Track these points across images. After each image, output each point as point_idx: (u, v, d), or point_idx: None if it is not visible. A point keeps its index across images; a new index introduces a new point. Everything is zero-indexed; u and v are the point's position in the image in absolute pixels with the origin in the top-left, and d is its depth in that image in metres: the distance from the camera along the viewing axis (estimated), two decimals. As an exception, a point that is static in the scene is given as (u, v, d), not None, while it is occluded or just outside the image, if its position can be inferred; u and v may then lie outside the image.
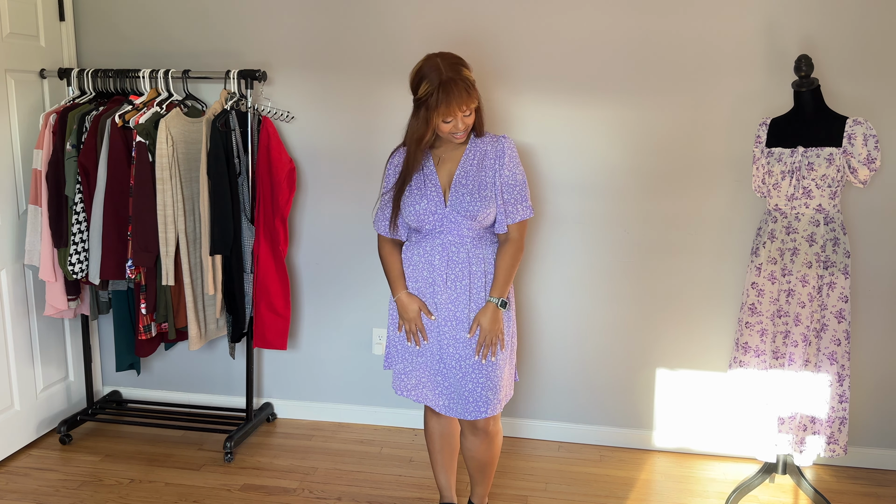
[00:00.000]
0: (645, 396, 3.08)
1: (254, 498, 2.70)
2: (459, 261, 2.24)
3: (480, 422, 2.30)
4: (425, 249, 2.27)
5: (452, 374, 2.27)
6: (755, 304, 2.57)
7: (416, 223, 2.25)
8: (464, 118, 2.17)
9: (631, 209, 2.95)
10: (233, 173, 2.87)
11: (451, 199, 2.22)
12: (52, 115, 2.89)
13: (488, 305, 2.24)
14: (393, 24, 2.97)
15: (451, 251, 2.24)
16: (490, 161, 2.25)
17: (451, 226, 2.23)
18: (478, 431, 2.34)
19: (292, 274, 3.24)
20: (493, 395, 2.25)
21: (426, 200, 2.23)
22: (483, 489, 2.50)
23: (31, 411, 3.07)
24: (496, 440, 2.39)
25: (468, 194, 2.21)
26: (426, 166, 2.27)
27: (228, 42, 3.09)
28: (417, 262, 2.29)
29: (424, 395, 2.33)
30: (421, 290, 2.29)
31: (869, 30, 2.68)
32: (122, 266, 2.84)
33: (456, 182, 2.23)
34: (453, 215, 2.22)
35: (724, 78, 2.79)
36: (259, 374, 3.36)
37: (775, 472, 2.66)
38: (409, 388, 2.35)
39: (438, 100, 2.10)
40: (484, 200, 2.21)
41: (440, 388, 2.30)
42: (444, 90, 2.09)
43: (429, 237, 2.27)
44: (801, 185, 2.44)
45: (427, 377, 2.32)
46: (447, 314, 2.26)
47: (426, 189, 2.24)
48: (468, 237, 2.25)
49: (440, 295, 2.26)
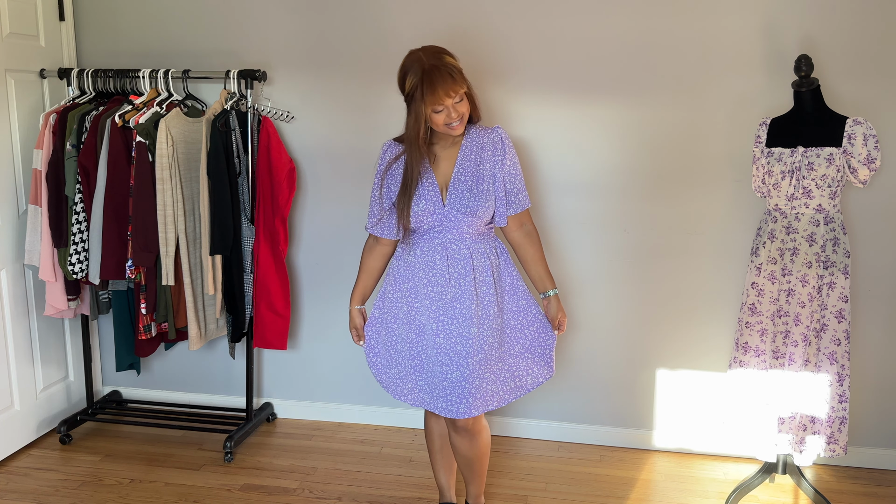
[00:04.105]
0: (645, 396, 3.08)
1: (254, 498, 2.70)
2: (462, 258, 2.23)
3: (460, 420, 2.27)
4: (423, 250, 2.26)
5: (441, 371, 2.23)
6: (755, 304, 2.57)
7: (414, 224, 2.24)
8: (455, 106, 2.13)
9: (631, 209, 2.95)
10: (233, 173, 2.87)
11: (450, 197, 2.21)
12: (52, 115, 2.89)
13: (553, 300, 2.34)
14: (393, 24, 2.97)
15: (451, 249, 2.23)
16: (489, 153, 2.24)
17: (450, 224, 2.22)
18: (459, 429, 2.31)
19: (292, 274, 3.24)
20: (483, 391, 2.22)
21: (424, 201, 2.21)
22: (475, 488, 2.48)
23: (31, 411, 3.07)
24: (480, 437, 2.35)
25: (467, 191, 2.20)
26: (422, 166, 2.24)
27: (228, 42, 3.09)
28: (414, 264, 2.27)
29: (422, 398, 2.31)
30: (418, 291, 2.27)
31: (869, 30, 2.68)
32: (122, 266, 2.84)
33: (454, 180, 2.22)
34: (452, 213, 2.21)
35: (724, 78, 2.79)
36: (259, 374, 3.36)
37: (775, 472, 2.66)
38: (406, 393, 2.33)
39: (424, 90, 2.09)
40: (483, 195, 2.20)
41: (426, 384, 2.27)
42: (428, 78, 2.09)
43: (426, 237, 2.25)
44: (801, 185, 2.44)
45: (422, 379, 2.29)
46: (453, 312, 2.23)
47: (423, 189, 2.22)
48: (468, 234, 2.24)
49: (445, 294, 2.23)
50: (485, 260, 2.26)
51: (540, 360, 2.34)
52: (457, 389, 2.21)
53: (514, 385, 2.31)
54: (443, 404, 2.24)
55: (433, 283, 2.25)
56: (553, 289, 2.35)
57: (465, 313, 2.22)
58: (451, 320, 2.23)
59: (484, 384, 2.23)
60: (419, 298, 2.27)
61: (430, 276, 2.25)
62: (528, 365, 2.33)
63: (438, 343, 2.24)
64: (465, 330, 2.22)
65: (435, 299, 2.25)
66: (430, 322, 2.25)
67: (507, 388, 2.30)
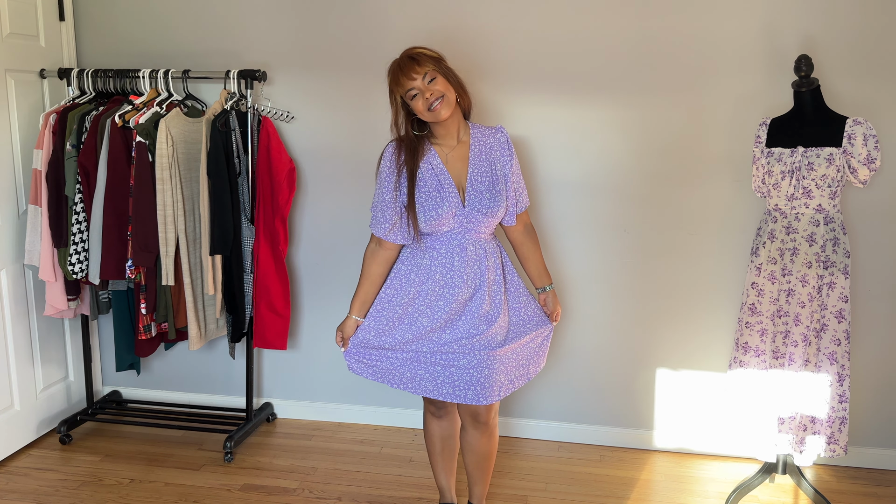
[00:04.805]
0: (645, 396, 3.08)
1: (254, 498, 2.70)
2: (477, 258, 2.24)
3: (482, 414, 2.29)
4: (440, 252, 2.24)
5: (458, 363, 2.21)
6: (755, 304, 2.57)
7: (436, 227, 2.21)
8: (427, 86, 2.15)
9: (631, 209, 2.95)
10: (233, 173, 2.87)
11: (469, 198, 2.21)
12: (52, 115, 2.89)
13: (549, 294, 2.42)
14: (393, 24, 2.97)
15: (468, 250, 2.24)
16: (498, 154, 2.27)
17: (469, 225, 2.23)
18: (479, 424, 2.33)
19: (292, 274, 3.24)
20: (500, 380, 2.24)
21: (447, 203, 2.19)
22: (481, 488, 2.48)
23: (31, 411, 3.07)
24: (496, 434, 2.40)
25: (486, 192, 2.22)
26: (436, 167, 2.22)
27: (228, 42, 3.09)
28: (429, 266, 2.25)
29: (424, 387, 2.27)
30: (428, 292, 2.25)
31: (869, 30, 2.68)
32: (121, 266, 2.84)
33: (471, 181, 2.23)
34: (473, 215, 2.21)
35: (724, 78, 2.79)
36: (259, 374, 3.36)
37: (775, 472, 2.66)
38: (406, 381, 2.28)
39: (391, 77, 2.20)
40: (499, 196, 2.23)
41: (441, 377, 2.24)
42: (394, 66, 2.20)
43: (443, 239, 2.24)
44: (801, 185, 2.44)
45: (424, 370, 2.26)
46: (465, 311, 2.23)
47: (443, 192, 2.20)
48: (483, 234, 2.26)
49: (461, 295, 2.22)
50: (495, 259, 2.29)
51: (540, 350, 2.41)
52: (465, 377, 2.21)
53: (519, 374, 2.33)
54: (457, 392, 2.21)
55: (451, 285, 2.23)
56: (550, 283, 2.44)
57: (477, 312, 2.23)
58: (461, 317, 2.23)
59: (493, 374, 2.21)
60: (432, 300, 2.24)
61: (448, 277, 2.23)
62: (530, 356, 2.37)
63: (444, 339, 2.23)
64: (475, 327, 2.22)
65: (450, 300, 2.23)
66: (440, 321, 2.24)
67: (514, 375, 2.30)
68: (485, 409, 2.30)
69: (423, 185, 2.21)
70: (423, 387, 2.27)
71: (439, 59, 2.22)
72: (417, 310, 2.27)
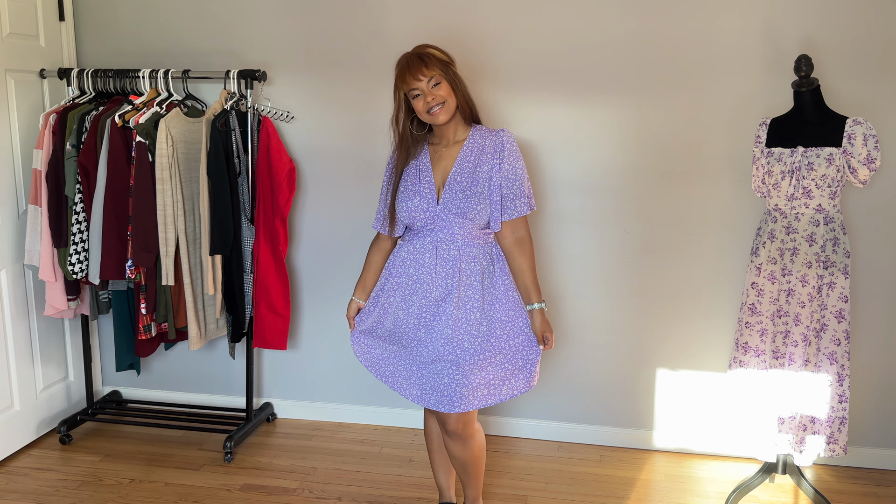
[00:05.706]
0: (645, 396, 3.08)
1: (254, 498, 2.70)
2: (450, 259, 2.22)
3: (451, 423, 2.25)
4: (416, 247, 2.27)
5: (427, 367, 2.24)
6: (755, 304, 2.57)
7: (408, 220, 2.25)
8: (430, 90, 2.16)
9: (631, 209, 2.95)
10: (233, 173, 2.87)
11: (444, 197, 2.21)
12: (51, 115, 2.89)
13: (537, 314, 2.25)
14: (393, 24, 2.97)
15: (441, 249, 2.23)
16: (488, 156, 2.23)
17: (442, 224, 2.22)
18: (448, 431, 2.28)
19: (292, 274, 3.24)
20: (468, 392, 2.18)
21: (419, 198, 2.23)
22: (472, 491, 2.45)
23: (31, 411, 3.07)
24: (473, 441, 2.32)
25: (461, 192, 2.20)
26: (422, 163, 2.26)
27: (228, 42, 3.09)
28: (405, 259, 2.29)
29: (399, 384, 2.32)
30: (404, 286, 2.28)
31: (869, 30, 2.68)
32: (121, 266, 2.84)
33: (451, 180, 2.22)
34: (445, 213, 2.21)
35: (724, 78, 2.79)
36: (259, 374, 3.36)
37: (775, 472, 2.66)
38: (387, 375, 2.35)
39: (397, 73, 2.21)
40: (476, 198, 2.19)
41: (414, 378, 2.28)
42: (402, 63, 2.21)
43: (419, 235, 2.26)
44: (800, 185, 2.44)
45: (404, 367, 2.31)
46: (437, 311, 2.22)
47: (420, 186, 2.24)
48: (459, 235, 2.23)
49: (432, 293, 2.23)
50: (474, 264, 2.23)
51: (520, 372, 2.27)
52: (432, 382, 2.22)
53: (488, 392, 2.23)
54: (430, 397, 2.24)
55: (421, 281, 2.25)
56: (539, 302, 2.26)
57: (447, 313, 2.21)
58: (435, 318, 2.23)
59: (454, 385, 2.19)
60: (407, 294, 2.28)
61: (420, 273, 2.25)
62: (506, 376, 2.25)
63: (420, 337, 2.25)
64: (442, 332, 2.21)
65: (422, 296, 2.25)
66: (414, 318, 2.26)
67: (480, 394, 2.22)
68: (452, 419, 2.24)
69: (406, 180, 2.27)
70: (399, 384, 2.32)
71: (448, 64, 2.22)
72: (394, 302, 2.30)
